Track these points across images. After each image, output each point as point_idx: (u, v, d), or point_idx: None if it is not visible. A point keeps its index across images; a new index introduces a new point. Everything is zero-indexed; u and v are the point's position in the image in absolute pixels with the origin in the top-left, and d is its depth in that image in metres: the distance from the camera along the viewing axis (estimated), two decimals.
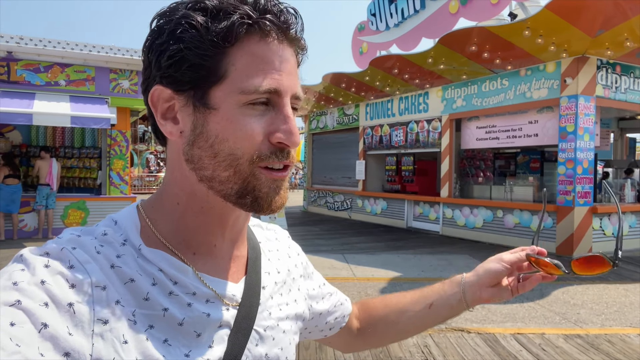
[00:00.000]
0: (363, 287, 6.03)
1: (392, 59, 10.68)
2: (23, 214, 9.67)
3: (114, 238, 0.61)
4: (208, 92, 0.60)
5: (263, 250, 0.79)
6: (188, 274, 0.63)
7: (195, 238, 0.66)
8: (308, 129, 17.29)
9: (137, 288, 0.59)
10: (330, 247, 9.08)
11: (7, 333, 0.46)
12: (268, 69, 0.60)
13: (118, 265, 0.59)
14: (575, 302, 5.47)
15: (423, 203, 11.79)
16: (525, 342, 4.17)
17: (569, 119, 8.40)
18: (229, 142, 0.60)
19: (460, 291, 0.92)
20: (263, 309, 0.72)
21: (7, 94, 9.15)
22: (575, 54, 8.22)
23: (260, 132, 0.61)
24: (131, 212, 0.66)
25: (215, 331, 0.64)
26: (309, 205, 16.95)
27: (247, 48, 0.60)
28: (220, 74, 0.59)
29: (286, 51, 0.63)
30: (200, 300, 0.63)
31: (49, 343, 0.49)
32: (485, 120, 10.27)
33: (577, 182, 8.33)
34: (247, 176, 0.61)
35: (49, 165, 9.44)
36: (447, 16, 10.51)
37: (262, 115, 0.61)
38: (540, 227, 0.97)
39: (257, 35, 0.60)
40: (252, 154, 0.60)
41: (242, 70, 0.59)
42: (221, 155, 0.61)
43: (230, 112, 0.60)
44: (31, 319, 0.49)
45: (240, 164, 0.61)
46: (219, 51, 0.59)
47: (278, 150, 0.62)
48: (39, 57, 9.62)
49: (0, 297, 0.49)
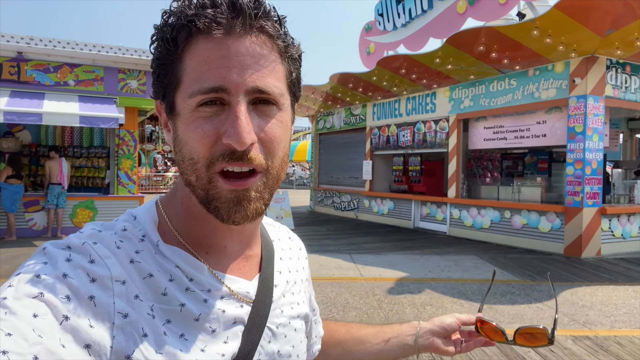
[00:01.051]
0: (370, 287, 6.02)
1: (399, 59, 10.66)
2: (32, 212, 9.76)
3: (133, 233, 0.63)
4: (173, 99, 0.62)
5: (276, 249, 0.80)
6: (203, 271, 0.65)
7: (203, 239, 0.67)
8: (315, 129, 17.30)
9: (156, 283, 0.60)
10: (337, 247, 9.08)
11: (30, 324, 0.47)
12: (213, 67, 0.57)
13: (137, 260, 0.60)
14: (584, 304, 5.43)
15: (430, 203, 11.76)
16: None
17: (578, 119, 8.34)
18: (187, 146, 0.60)
19: (416, 334, 0.96)
20: (275, 306, 0.73)
21: (17, 94, 9.24)
22: (585, 53, 8.16)
23: (211, 133, 0.58)
24: (150, 208, 0.68)
25: (229, 327, 0.65)
26: (315, 205, 16.95)
27: (194, 49, 0.59)
28: (177, 80, 0.61)
29: (241, 41, 0.58)
30: (215, 297, 0.64)
31: (70, 335, 0.50)
32: (493, 120, 10.22)
33: (585, 182, 8.27)
34: (206, 183, 0.60)
35: (59, 165, 9.52)
36: (454, 16, 10.48)
37: (215, 116, 0.59)
38: (486, 295, 1.07)
39: (202, 34, 0.58)
40: (206, 156, 0.59)
41: (191, 73, 0.59)
42: (186, 160, 0.61)
43: (186, 117, 0.60)
44: (53, 311, 0.50)
45: (198, 169, 0.60)
46: (174, 58, 0.60)
47: (228, 152, 0.58)
48: (48, 57, 9.70)
49: (24, 289, 0.50)
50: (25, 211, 9.69)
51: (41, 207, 9.72)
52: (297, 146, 29.04)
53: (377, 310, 5.08)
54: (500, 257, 8.24)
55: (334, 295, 5.61)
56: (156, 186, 25.20)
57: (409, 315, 4.88)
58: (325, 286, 6.02)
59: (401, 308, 5.16)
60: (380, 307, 5.20)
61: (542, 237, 8.91)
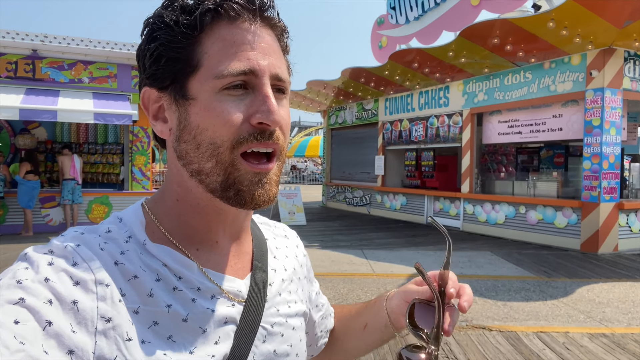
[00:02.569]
0: (382, 283, 6.00)
1: (412, 52, 10.56)
2: (49, 208, 9.91)
3: (118, 235, 0.62)
4: (186, 84, 0.61)
5: (270, 248, 0.79)
6: (193, 269, 0.63)
7: (196, 234, 0.66)
8: (327, 124, 17.26)
9: (141, 284, 0.58)
10: (349, 242, 9.06)
11: (11, 331, 0.46)
12: (240, 50, 0.59)
13: (122, 262, 0.59)
14: (601, 301, 5.34)
15: (443, 199, 11.67)
16: (548, 341, 4.09)
17: (595, 112, 8.18)
18: (208, 132, 0.60)
19: (384, 306, 0.82)
20: (270, 305, 0.71)
21: (32, 92, 9.37)
22: (602, 45, 7.99)
23: (239, 115, 0.59)
24: (136, 209, 0.67)
25: (220, 327, 0.63)
26: (328, 200, 16.94)
27: (218, 34, 0.60)
28: (195, 63, 0.60)
29: (261, 31, 0.62)
30: (204, 296, 0.63)
31: (53, 341, 0.48)
32: (507, 114, 10.08)
33: (602, 177, 8.12)
34: (228, 166, 0.60)
35: (72, 160, 9.64)
36: (468, 8, 10.33)
37: (241, 99, 0.60)
38: (450, 257, 0.76)
39: (225, 20, 0.60)
40: (231, 139, 0.59)
41: (215, 56, 0.59)
42: (203, 146, 0.60)
43: (207, 100, 0.60)
44: (35, 316, 0.48)
45: (221, 153, 0.60)
46: (190, 41, 0.60)
47: (258, 131, 0.60)
48: (63, 54, 9.82)
49: (4, 295, 0.49)
50: (41, 207, 9.85)
51: (57, 202, 9.86)
52: (310, 141, 29.01)
53: None
54: (515, 253, 8.14)
55: (346, 292, 5.59)
56: None
57: None
58: (337, 282, 6.01)
59: None
60: None
61: (558, 232, 8.79)
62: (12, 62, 9.49)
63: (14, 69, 9.52)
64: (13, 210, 9.60)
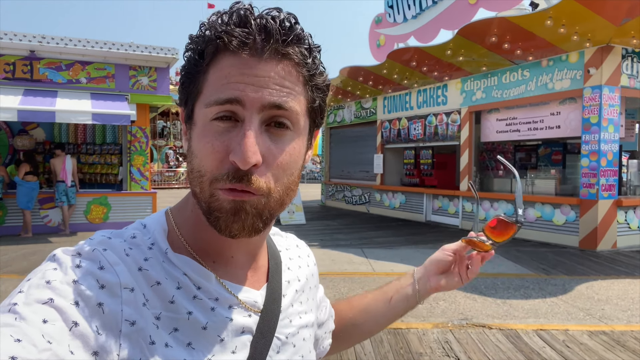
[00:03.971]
0: (383, 282, 5.98)
1: (410, 51, 10.57)
2: (47, 209, 9.90)
3: (142, 241, 0.63)
4: (193, 109, 0.63)
5: (283, 259, 0.80)
6: (211, 279, 0.65)
7: (211, 249, 0.67)
8: (325, 123, 17.25)
9: (163, 291, 0.60)
10: (349, 241, 9.08)
11: (40, 330, 0.48)
12: (232, 81, 0.58)
13: (145, 268, 0.60)
14: (600, 298, 5.36)
15: (442, 197, 11.68)
16: (548, 339, 4.11)
17: (593, 110, 8.20)
18: (197, 158, 0.61)
19: (414, 281, 0.98)
20: (284, 316, 0.73)
21: (30, 92, 9.34)
22: (599, 43, 8.01)
23: (220, 149, 0.58)
24: (160, 217, 0.68)
25: (238, 336, 0.64)
26: (327, 199, 16.95)
27: (219, 64, 0.60)
28: (198, 90, 0.62)
29: (262, 65, 0.59)
30: (223, 306, 0.64)
31: (79, 341, 0.50)
32: (505, 112, 10.10)
33: (601, 174, 8.15)
34: (209, 196, 0.60)
35: (63, 162, 9.58)
36: (466, 7, 10.33)
37: (227, 132, 0.58)
38: (478, 214, 1.00)
39: (228, 51, 0.59)
40: (212, 172, 0.59)
41: (211, 84, 0.60)
42: (194, 171, 0.61)
43: (201, 128, 0.61)
44: (62, 317, 0.50)
45: (203, 182, 0.60)
46: (199, 70, 0.61)
47: (233, 171, 0.57)
48: (60, 55, 9.79)
49: (34, 295, 0.51)
50: (40, 208, 9.83)
51: (54, 204, 9.84)
52: None
53: None
54: (514, 250, 8.17)
55: (346, 291, 5.60)
56: (168, 182, 25.40)
57: (422, 311, 4.86)
58: (337, 281, 6.02)
59: None
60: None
61: (557, 229, 8.81)
62: (9, 63, 9.47)
63: (11, 70, 9.50)
64: (12, 212, 9.58)
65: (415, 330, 4.31)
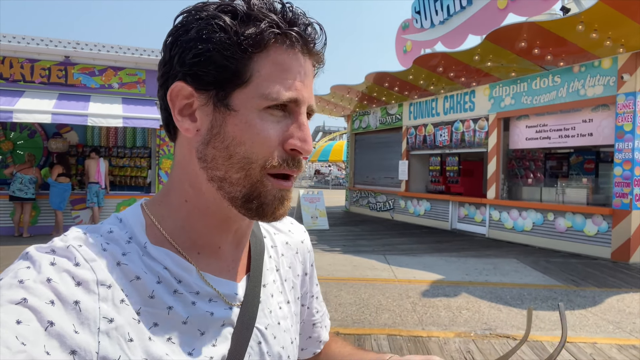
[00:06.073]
0: (404, 289, 5.94)
1: (437, 57, 10.46)
2: (79, 210, 10.19)
3: (120, 236, 0.61)
4: (231, 94, 0.61)
5: (266, 246, 0.78)
6: (192, 273, 0.64)
7: (200, 238, 0.66)
8: (350, 128, 17.23)
9: (143, 286, 0.59)
10: (372, 247, 9.01)
11: (13, 331, 0.46)
12: (290, 78, 0.61)
13: (124, 262, 0.59)
14: (631, 311, 5.15)
15: (468, 204, 11.48)
16: (575, 352, 3.97)
17: (627, 117, 7.93)
18: (245, 146, 0.61)
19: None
20: (264, 307, 0.72)
21: (64, 97, 9.67)
22: (633, 48, 7.75)
23: (275, 138, 0.61)
24: (136, 210, 0.66)
25: (218, 330, 0.64)
26: (351, 205, 16.89)
27: (273, 56, 0.61)
28: (245, 78, 0.60)
29: (308, 64, 0.64)
30: (203, 300, 0.64)
31: (55, 341, 0.48)
32: (535, 119, 9.87)
33: (634, 184, 7.86)
34: (256, 182, 0.62)
35: (97, 164, 9.87)
36: (495, 12, 10.19)
37: (279, 122, 0.62)
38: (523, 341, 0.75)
39: (283, 45, 0.61)
40: (265, 159, 0.61)
41: (266, 77, 0.60)
42: (235, 158, 0.61)
43: (249, 116, 0.60)
44: (37, 316, 0.48)
45: (253, 168, 0.61)
46: (246, 56, 0.59)
47: (290, 157, 0.62)
48: (94, 61, 10.12)
49: (6, 295, 0.49)
50: (72, 209, 10.13)
51: (86, 205, 10.13)
52: (333, 146, 29.02)
53: (410, 313, 5.00)
54: (543, 260, 7.95)
55: (367, 297, 5.56)
56: None
57: (444, 319, 4.77)
58: (358, 287, 5.98)
59: (436, 311, 5.06)
60: (414, 309, 5.11)
61: (588, 240, 8.54)
62: (45, 68, 9.83)
63: (47, 75, 9.86)
64: (45, 212, 9.90)
65: (437, 339, 4.24)
